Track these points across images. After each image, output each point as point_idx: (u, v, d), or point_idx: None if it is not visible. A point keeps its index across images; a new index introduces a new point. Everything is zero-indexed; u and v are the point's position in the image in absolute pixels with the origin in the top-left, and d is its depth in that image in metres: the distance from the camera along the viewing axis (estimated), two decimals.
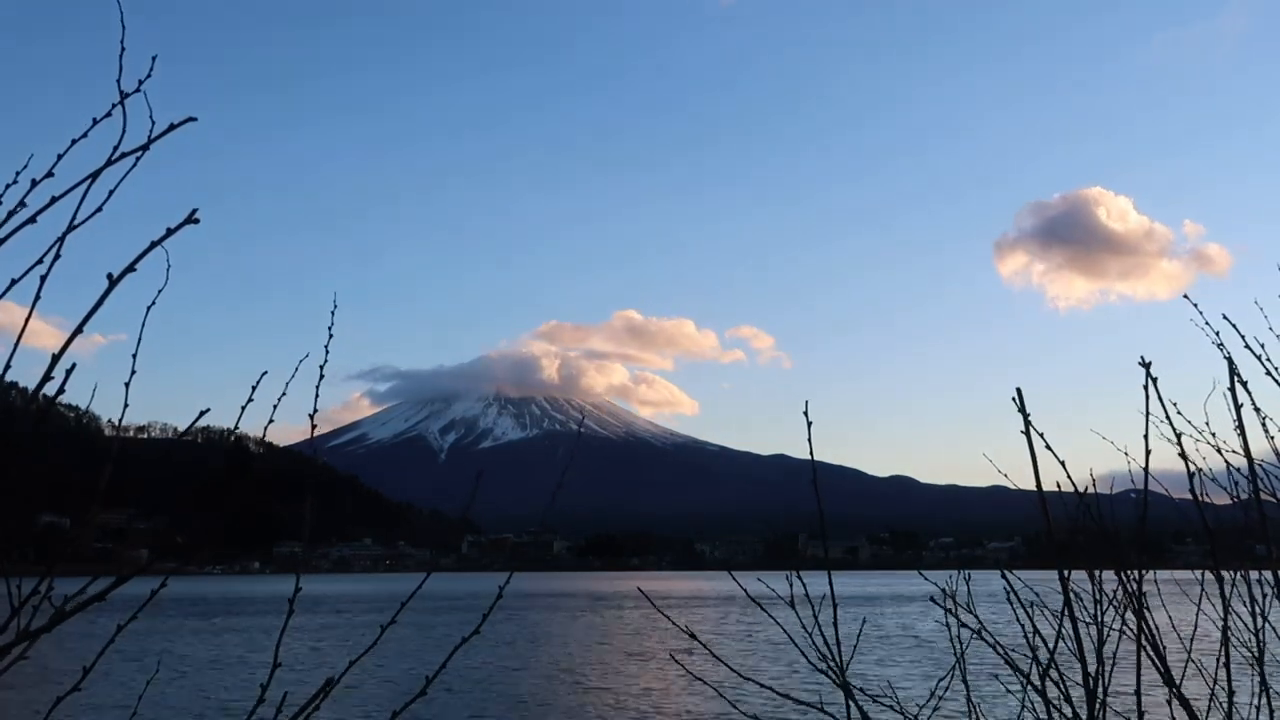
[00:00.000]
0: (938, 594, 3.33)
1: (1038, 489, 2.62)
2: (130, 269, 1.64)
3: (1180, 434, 2.91)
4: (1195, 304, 3.16)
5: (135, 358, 1.87)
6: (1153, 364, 2.75)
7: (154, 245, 1.65)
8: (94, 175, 1.65)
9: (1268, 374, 3.03)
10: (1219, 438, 3.09)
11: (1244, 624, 3.05)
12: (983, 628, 3.15)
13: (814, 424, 2.98)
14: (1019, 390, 2.65)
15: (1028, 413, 2.60)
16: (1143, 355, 2.74)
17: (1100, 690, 2.78)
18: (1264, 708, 2.97)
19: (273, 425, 2.07)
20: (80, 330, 1.65)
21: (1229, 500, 3.10)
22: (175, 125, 1.67)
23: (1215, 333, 3.03)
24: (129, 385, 1.86)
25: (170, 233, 1.65)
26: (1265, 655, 3.08)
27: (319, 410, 2.21)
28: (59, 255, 1.66)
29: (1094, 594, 2.90)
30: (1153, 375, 2.75)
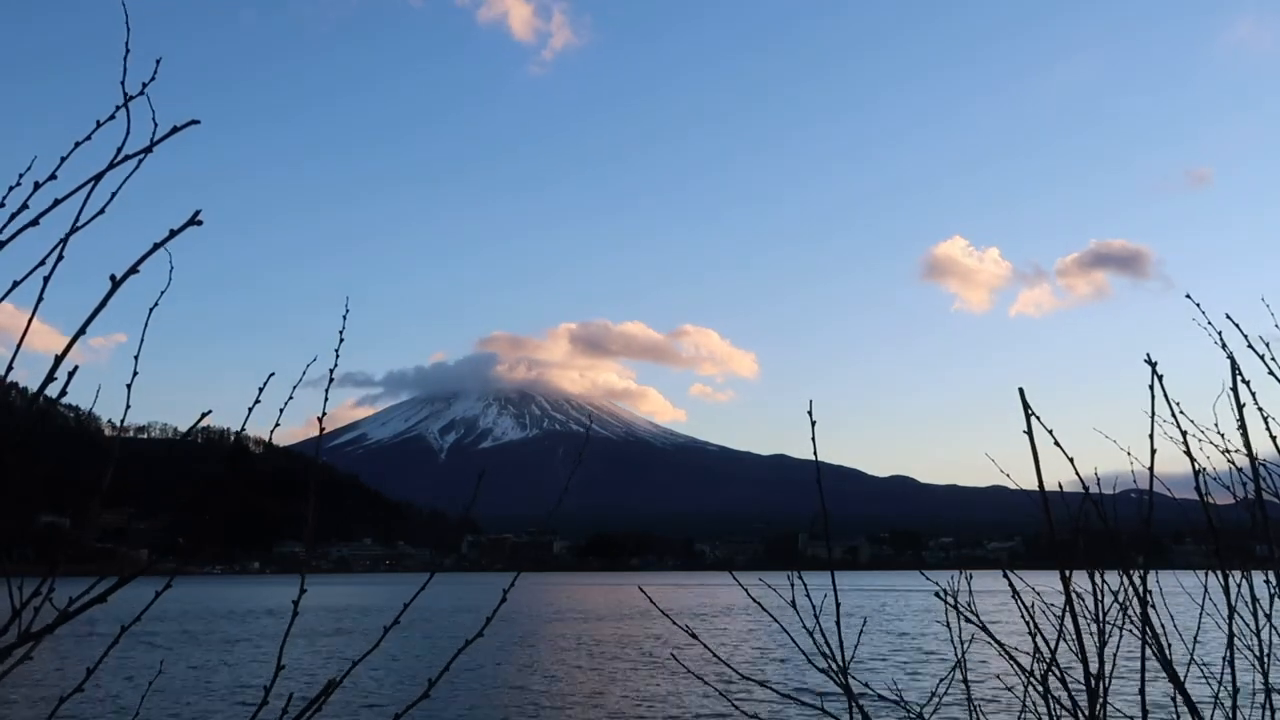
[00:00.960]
0: (939, 593, 3.33)
1: (1040, 488, 2.61)
2: (133, 270, 1.64)
3: (1186, 433, 2.90)
4: (1198, 303, 3.16)
5: (138, 359, 1.86)
6: (1158, 363, 2.74)
7: (157, 247, 1.65)
8: (97, 178, 1.65)
9: (1270, 373, 3.03)
10: (1226, 437, 3.08)
11: (1246, 624, 3.04)
12: (982, 627, 3.15)
13: (806, 424, 2.97)
14: (1021, 390, 2.64)
15: (1034, 411, 2.59)
16: (1148, 353, 2.73)
17: (1102, 690, 2.78)
18: (1267, 707, 2.97)
19: (284, 425, 2.07)
20: (83, 331, 1.65)
21: (1231, 500, 3.10)
22: (178, 128, 1.66)
23: (1218, 332, 3.03)
24: (130, 386, 1.85)
25: (173, 234, 1.65)
26: (1267, 655, 3.08)
27: (338, 404, 2.21)
28: (61, 257, 1.66)
29: (1095, 593, 2.90)
30: (1159, 374, 2.74)
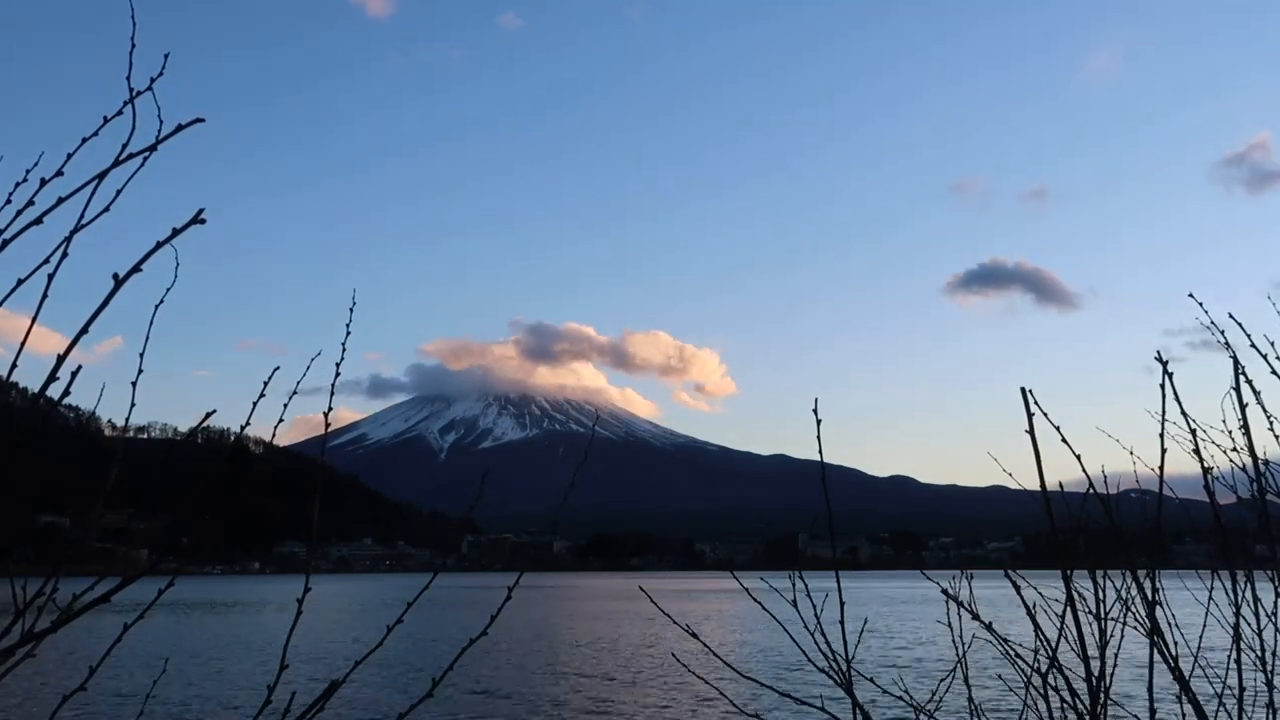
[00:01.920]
0: (944, 590, 3.33)
1: (1041, 487, 2.61)
2: (136, 269, 1.63)
3: (1195, 432, 2.90)
4: (1200, 303, 3.16)
5: (143, 357, 1.86)
6: (1169, 362, 2.74)
7: (160, 245, 1.64)
8: (101, 175, 1.65)
9: (1272, 372, 3.02)
10: (1228, 437, 3.08)
11: (1247, 624, 3.04)
12: (983, 625, 3.15)
13: (806, 424, 2.96)
14: (1023, 390, 2.64)
15: (1040, 409, 2.58)
16: (1159, 351, 2.72)
17: (1103, 690, 2.78)
18: (1270, 707, 2.97)
19: (271, 425, 2.06)
20: (86, 330, 1.64)
21: (1233, 499, 3.10)
22: (183, 126, 1.66)
23: (1221, 332, 3.03)
24: (135, 384, 1.85)
25: (176, 233, 1.64)
26: (1274, 655, 3.07)
27: (316, 410, 2.20)
28: (65, 254, 1.65)
29: (1096, 593, 2.90)
30: (1169, 372, 2.73)
